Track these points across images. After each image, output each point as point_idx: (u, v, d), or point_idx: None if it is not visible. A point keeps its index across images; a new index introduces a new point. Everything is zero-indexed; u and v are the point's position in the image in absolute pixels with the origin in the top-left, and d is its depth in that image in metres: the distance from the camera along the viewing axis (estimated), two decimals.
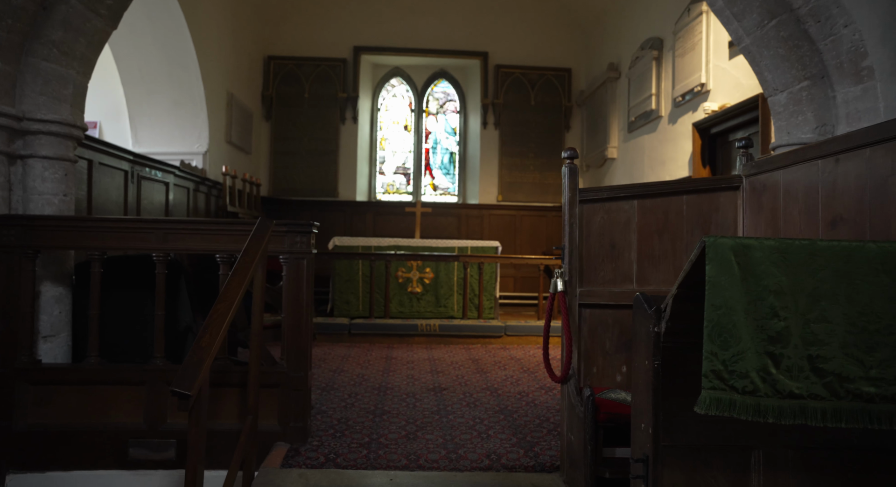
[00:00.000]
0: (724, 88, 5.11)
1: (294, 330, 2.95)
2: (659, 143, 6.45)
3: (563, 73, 9.18)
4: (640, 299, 1.70)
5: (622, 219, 2.67)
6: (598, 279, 2.66)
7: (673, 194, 2.66)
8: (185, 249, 2.89)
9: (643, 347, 1.65)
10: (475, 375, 4.68)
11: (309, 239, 2.97)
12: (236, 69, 7.61)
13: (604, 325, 2.66)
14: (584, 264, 2.66)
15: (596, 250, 2.67)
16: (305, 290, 2.96)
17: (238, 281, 2.19)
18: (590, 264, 2.66)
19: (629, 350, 2.63)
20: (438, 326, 6.21)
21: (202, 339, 1.87)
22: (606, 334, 2.65)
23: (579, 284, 2.63)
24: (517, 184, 9.13)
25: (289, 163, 8.93)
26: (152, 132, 6.41)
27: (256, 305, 2.50)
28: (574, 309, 2.62)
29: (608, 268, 2.67)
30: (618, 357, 2.65)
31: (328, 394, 3.94)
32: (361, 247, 7.05)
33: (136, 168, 4.77)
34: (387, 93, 9.66)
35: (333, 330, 6.15)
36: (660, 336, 1.60)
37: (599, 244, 2.67)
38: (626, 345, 2.64)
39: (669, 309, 1.55)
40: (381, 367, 4.90)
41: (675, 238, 2.66)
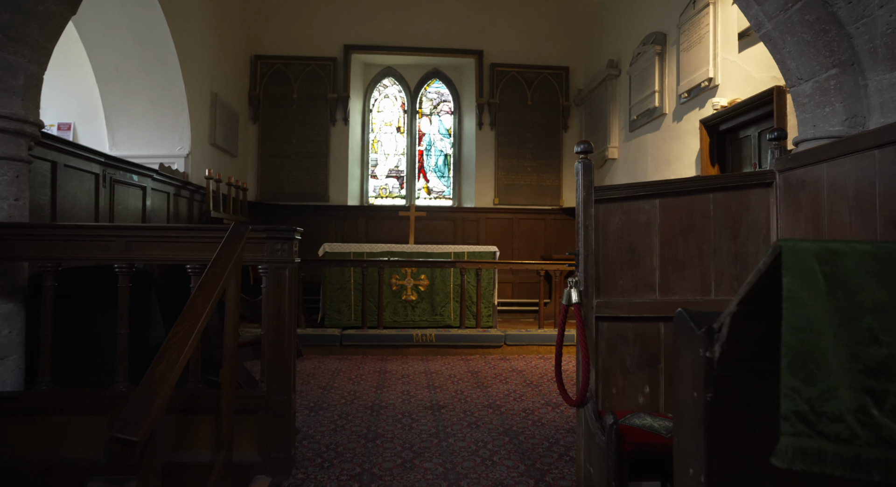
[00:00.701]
0: (733, 83, 4.84)
1: (275, 348, 2.63)
2: (663, 142, 6.18)
3: (561, 71, 8.91)
4: (683, 316, 1.40)
5: (643, 220, 2.38)
6: (616, 288, 2.36)
7: (698, 192, 2.37)
8: (150, 259, 2.57)
9: (690, 376, 1.35)
10: (475, 390, 4.37)
11: (291, 246, 2.66)
12: (220, 68, 7.29)
13: (623, 340, 2.36)
14: (601, 271, 2.36)
15: (614, 255, 2.37)
16: (288, 303, 2.65)
17: (205, 296, 1.88)
18: (607, 271, 2.36)
19: (652, 367, 2.33)
20: (435, 336, 5.90)
21: (156, 369, 1.56)
22: (627, 350, 2.35)
23: (596, 294, 2.33)
24: (514, 186, 8.84)
25: (277, 166, 8.61)
26: (130, 134, 6.07)
27: (229, 323, 2.19)
28: (590, 323, 2.32)
29: (627, 276, 2.37)
30: (640, 375, 2.35)
31: (316, 415, 3.62)
32: (353, 254, 6.74)
33: (109, 171, 4.44)
34: (378, 94, 9.36)
35: (324, 341, 5.82)
36: (713, 362, 1.30)
37: (617, 248, 2.37)
38: (649, 362, 2.34)
39: (727, 330, 1.25)
40: (375, 382, 4.58)
41: (702, 240, 2.37)
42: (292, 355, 2.67)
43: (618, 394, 2.35)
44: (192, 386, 2.57)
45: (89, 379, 2.86)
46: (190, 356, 2.61)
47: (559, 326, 2.41)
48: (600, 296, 2.34)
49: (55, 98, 6.26)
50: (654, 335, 2.35)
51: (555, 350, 2.41)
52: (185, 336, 1.67)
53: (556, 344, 2.40)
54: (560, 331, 2.41)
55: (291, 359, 2.65)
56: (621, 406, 2.34)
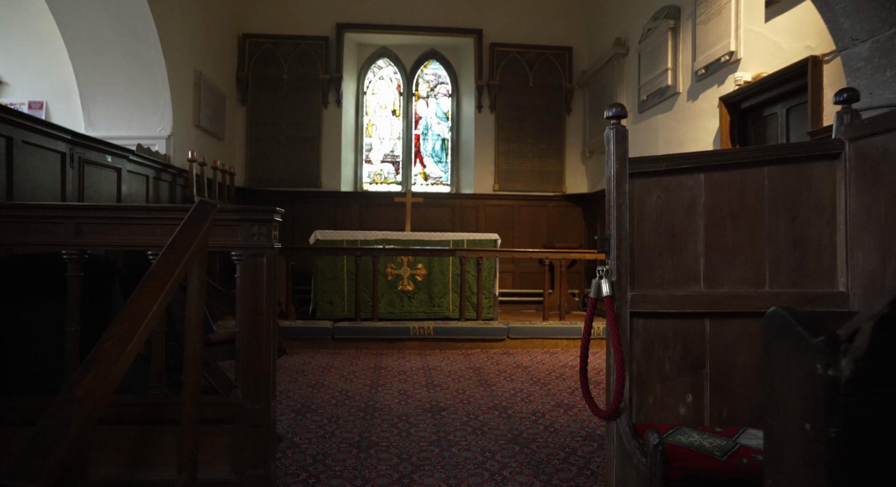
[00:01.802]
0: (758, 56, 4.46)
1: (252, 348, 2.26)
2: (676, 123, 5.80)
3: (564, 51, 8.50)
4: (785, 318, 1.03)
5: (685, 198, 2.01)
6: (654, 279, 2.00)
7: (751, 165, 2.00)
8: (104, 244, 2.19)
9: (799, 400, 0.99)
10: (478, 389, 4.01)
11: (270, 229, 2.28)
12: (205, 46, 6.86)
13: (662, 340, 1.99)
14: (636, 259, 1.99)
15: (651, 241, 2.00)
16: (266, 296, 2.27)
17: (154, 290, 1.50)
18: (643, 259, 1.99)
19: (696, 373, 1.97)
20: (433, 329, 5.54)
21: (78, 385, 1.19)
22: (666, 352, 1.99)
23: (630, 286, 1.97)
24: (515, 171, 8.46)
25: (267, 150, 8.20)
26: (107, 113, 5.66)
27: (191, 320, 1.81)
28: (624, 320, 1.95)
29: (667, 265, 2.00)
30: (681, 382, 1.99)
31: (303, 419, 3.26)
32: (346, 242, 6.37)
33: (78, 150, 4.04)
34: (373, 76, 8.94)
35: (315, 335, 5.46)
36: (838, 384, 0.93)
37: (656, 232, 2.00)
38: (692, 367, 1.98)
39: (866, 340, 0.89)
40: (369, 380, 4.23)
41: (755, 223, 2.00)
42: (272, 356, 2.30)
43: (655, 404, 1.99)
44: (156, 392, 2.20)
45: (46, 385, 2.49)
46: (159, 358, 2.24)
47: (586, 323, 2.04)
48: (635, 289, 1.98)
49: (25, 75, 5.85)
50: (698, 334, 1.99)
51: (580, 351, 2.05)
52: (123, 340, 1.30)
53: (582, 345, 2.03)
54: (587, 329, 2.05)
55: (271, 361, 2.28)
56: (660, 418, 1.98)
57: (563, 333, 5.67)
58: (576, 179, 8.52)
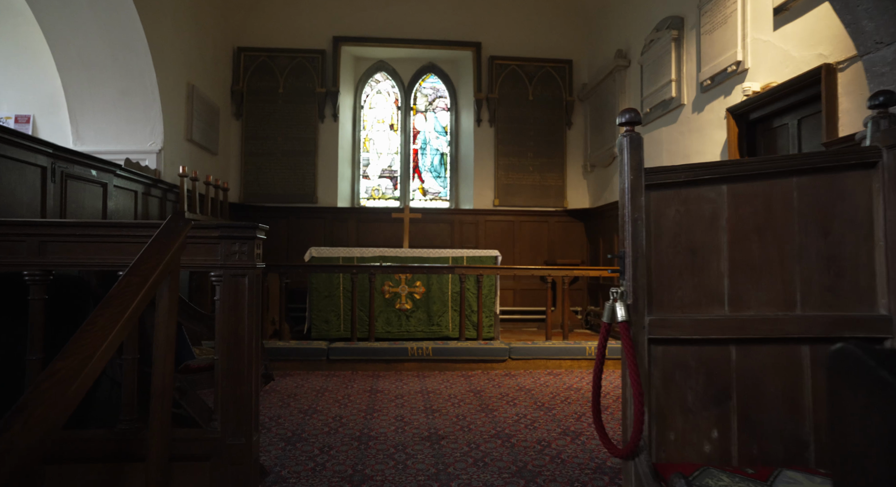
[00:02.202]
0: (767, 65, 4.32)
1: (232, 377, 2.06)
2: (680, 135, 5.65)
3: (564, 64, 8.39)
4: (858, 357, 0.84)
5: (706, 212, 1.83)
6: (673, 301, 1.81)
7: (778, 175, 1.82)
8: (70, 264, 2.00)
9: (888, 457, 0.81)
10: (479, 414, 3.80)
11: (252, 247, 2.10)
12: (199, 59, 6.73)
13: (684, 369, 1.80)
14: (654, 279, 1.80)
15: (670, 258, 1.82)
16: (248, 320, 2.08)
17: (111, 317, 1.32)
18: (661, 280, 1.81)
19: (722, 405, 1.77)
20: (432, 350, 5.33)
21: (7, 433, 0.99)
22: (688, 382, 1.80)
23: (648, 310, 1.78)
24: (515, 186, 8.30)
25: (262, 165, 8.04)
26: (96, 127, 5.50)
27: (160, 348, 1.62)
28: (641, 347, 1.76)
29: (688, 285, 1.81)
30: (705, 415, 1.79)
31: (293, 449, 3.05)
32: (342, 259, 6.18)
33: (60, 164, 3.87)
34: (370, 90, 8.81)
35: (309, 356, 5.25)
36: None
37: (675, 250, 1.82)
38: (717, 398, 1.78)
39: None
40: (364, 405, 4.01)
41: (783, 239, 1.82)
42: (255, 385, 2.10)
43: (677, 441, 1.79)
44: (126, 425, 2.00)
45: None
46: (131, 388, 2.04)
47: (599, 351, 1.85)
48: (653, 312, 1.79)
49: (12, 88, 5.70)
50: (723, 362, 1.80)
51: (592, 380, 1.85)
52: (64, 379, 1.11)
53: (595, 374, 1.84)
54: (599, 357, 1.86)
55: (253, 392, 2.08)
56: (682, 456, 1.78)
57: (567, 353, 5.46)
58: (577, 194, 8.36)
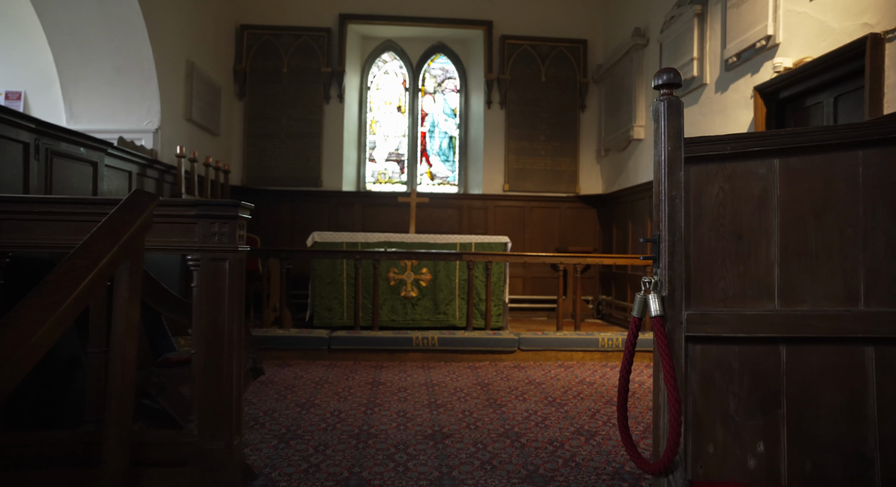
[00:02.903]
0: (801, 39, 4.01)
1: (210, 375, 1.84)
2: (702, 117, 5.35)
3: (578, 44, 8.06)
4: None
5: (754, 190, 1.57)
6: (714, 293, 1.56)
7: (840, 147, 1.56)
8: (28, 245, 1.78)
9: None
10: (487, 410, 3.58)
11: (234, 228, 1.86)
12: (199, 36, 6.48)
13: (725, 371, 1.56)
14: (693, 268, 1.55)
15: (711, 244, 1.56)
16: (230, 310, 1.85)
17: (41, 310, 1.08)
18: (701, 268, 1.56)
19: (769, 414, 1.53)
20: (438, 340, 5.10)
21: None
22: (730, 386, 1.55)
23: (686, 303, 1.53)
24: (526, 171, 8.02)
25: (265, 147, 7.80)
26: (90, 105, 5.28)
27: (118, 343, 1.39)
28: (678, 346, 1.51)
29: (732, 275, 1.56)
30: (750, 426, 1.55)
31: (286, 447, 2.83)
32: (346, 244, 5.95)
33: (45, 141, 3.65)
34: (377, 70, 8.53)
35: (309, 345, 5.04)
36: None
37: (717, 233, 1.57)
38: (764, 406, 1.54)
39: None
40: (365, 398, 3.80)
41: (845, 221, 1.56)
42: (237, 383, 1.87)
43: (717, 454, 1.55)
44: (90, 427, 1.78)
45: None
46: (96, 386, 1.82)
47: (626, 351, 1.61)
48: (692, 306, 1.54)
49: (2, 63, 5.47)
50: (772, 364, 1.55)
51: (619, 386, 1.61)
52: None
53: (621, 377, 1.59)
54: (627, 358, 1.61)
55: (234, 390, 1.86)
56: (722, 472, 1.54)
57: (579, 345, 5.22)
58: (590, 179, 8.07)
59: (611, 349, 5.22)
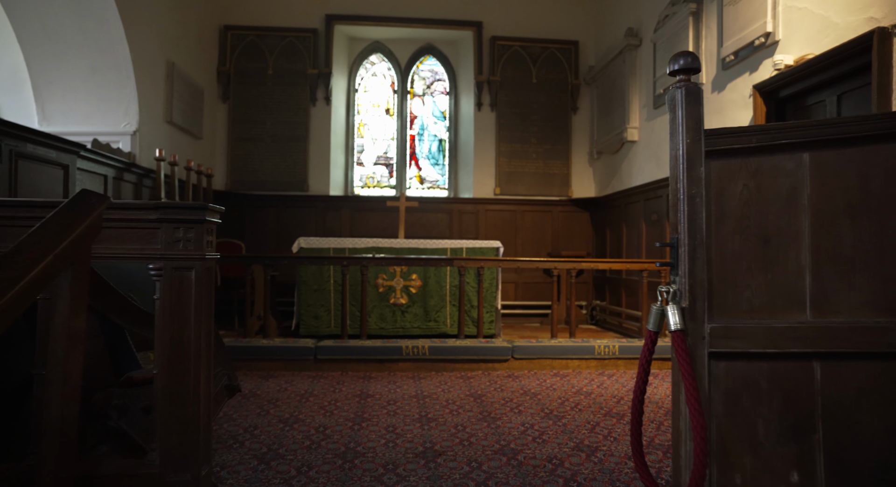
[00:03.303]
0: (802, 35, 3.88)
1: (174, 397, 1.64)
2: None
3: (570, 46, 7.93)
4: None
5: (782, 187, 1.41)
6: (739, 303, 1.39)
7: (879, 139, 1.40)
8: None
9: None
10: (480, 424, 3.39)
11: (202, 233, 1.67)
12: (180, 35, 6.27)
13: (753, 391, 1.39)
14: (714, 275, 1.38)
15: (735, 248, 1.40)
16: (196, 324, 1.66)
17: None
18: (724, 275, 1.39)
19: (803, 438, 1.36)
20: (428, 348, 4.92)
21: None
22: (758, 408, 1.38)
23: (708, 315, 1.36)
24: (517, 174, 7.86)
25: (250, 150, 7.59)
26: (64, 106, 5.06)
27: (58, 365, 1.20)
28: (700, 363, 1.34)
29: (758, 282, 1.40)
30: (781, 452, 1.38)
31: (266, 470, 2.63)
32: (333, 250, 5.75)
33: (8, 142, 3.44)
34: (365, 72, 8.35)
35: (295, 355, 4.83)
36: None
37: (741, 236, 1.40)
38: (796, 430, 1.37)
39: None
40: (353, 412, 3.60)
41: (884, 222, 1.40)
42: (205, 405, 1.68)
43: (745, 485, 1.37)
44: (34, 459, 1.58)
45: None
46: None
47: (640, 369, 1.43)
48: (715, 318, 1.37)
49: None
50: (805, 383, 1.38)
51: (632, 409, 1.43)
52: None
53: (634, 399, 1.42)
54: (641, 378, 1.44)
55: (203, 413, 1.66)
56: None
57: (575, 352, 5.05)
58: (583, 182, 7.93)
59: (607, 356, 5.05)
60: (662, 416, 3.60)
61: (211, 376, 1.76)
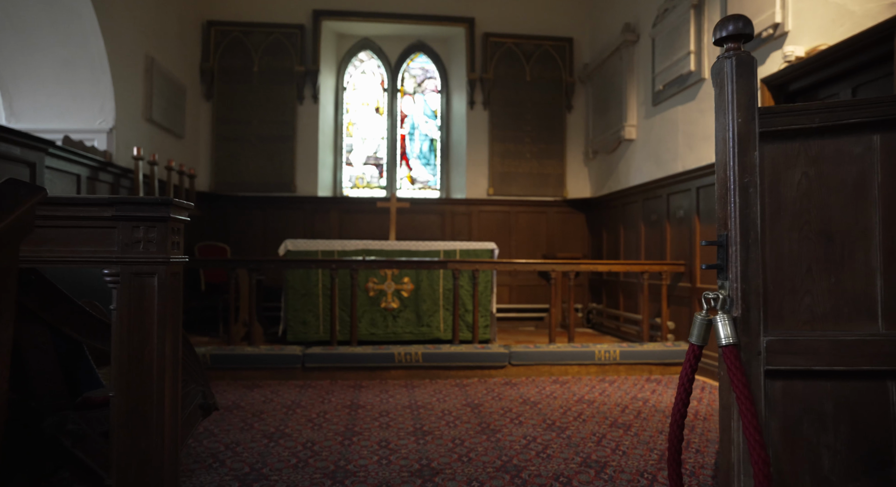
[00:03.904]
0: (813, 25, 3.71)
1: (134, 424, 1.41)
2: (700, 114, 5.04)
3: (564, 43, 7.74)
4: None
5: (847, 176, 1.20)
6: (798, 312, 1.18)
7: None
8: None
9: None
10: (480, 437, 3.17)
11: (166, 233, 1.44)
12: (160, 30, 6.01)
13: (816, 417, 1.18)
14: (769, 279, 1.17)
15: (792, 247, 1.19)
16: (160, 339, 1.43)
17: None
18: (780, 280, 1.18)
19: (878, 473, 1.14)
20: (422, 355, 4.69)
21: None
22: (822, 437, 1.17)
23: (763, 326, 1.15)
24: (511, 174, 7.66)
25: (235, 150, 7.33)
26: (34, 101, 4.79)
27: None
28: (756, 383, 1.13)
29: (820, 288, 1.19)
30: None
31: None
32: (322, 252, 5.52)
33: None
34: (354, 69, 8.12)
35: (282, 362, 4.59)
36: None
37: (800, 234, 1.19)
38: (871, 464, 1.16)
39: None
40: (343, 425, 3.37)
41: None
42: (170, 432, 1.45)
43: None
44: None
45: None
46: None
47: (681, 386, 1.22)
48: (769, 330, 1.16)
49: None
50: (879, 406, 1.18)
51: (669, 440, 1.22)
52: None
53: (673, 421, 1.20)
54: (683, 394, 1.22)
55: (169, 440, 1.43)
56: None
57: (574, 358, 4.84)
58: (578, 183, 7.74)
59: (607, 362, 4.85)
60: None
61: (179, 398, 1.52)
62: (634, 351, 4.89)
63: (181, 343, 1.55)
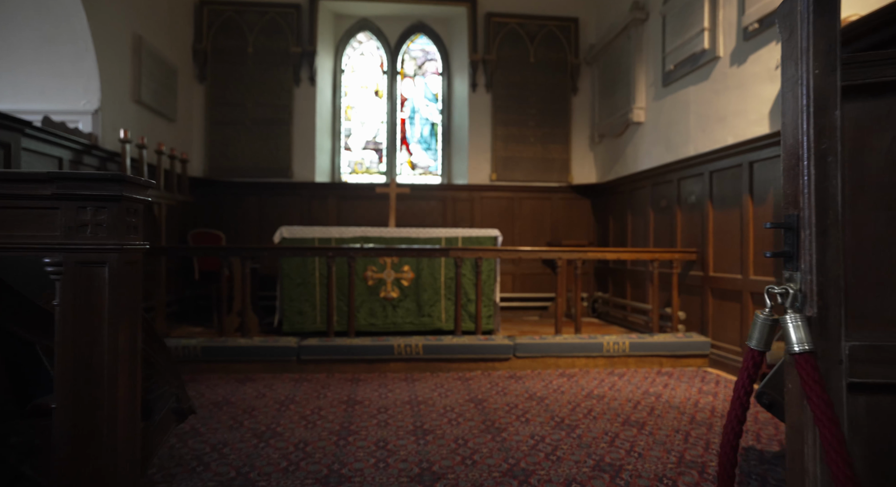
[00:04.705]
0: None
1: (80, 442, 1.19)
2: (714, 94, 4.79)
3: (569, 23, 7.46)
4: None
5: None
6: (884, 311, 0.96)
7: None
8: None
9: None
10: (484, 437, 2.96)
11: (120, 214, 1.22)
12: (149, 7, 5.75)
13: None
14: (850, 271, 0.95)
15: (879, 231, 0.96)
16: (111, 339, 1.21)
17: None
18: (863, 271, 0.95)
19: None
20: (422, 347, 4.48)
21: None
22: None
23: (845, 329, 0.92)
24: (515, 159, 7.41)
25: (229, 134, 7.08)
26: (13, 81, 4.55)
27: None
28: (836, 397, 0.91)
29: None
30: None
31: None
32: (318, 240, 5.29)
33: None
34: (352, 51, 7.84)
35: (276, 355, 4.38)
36: None
37: (888, 215, 0.96)
38: None
39: None
40: (338, 424, 3.16)
41: None
42: (126, 449, 1.23)
43: None
44: None
45: None
46: None
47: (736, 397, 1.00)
48: (851, 333, 0.94)
49: None
50: None
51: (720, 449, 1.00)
52: None
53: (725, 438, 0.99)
54: (738, 408, 1.01)
55: (125, 458, 1.21)
56: None
57: (582, 350, 4.64)
58: (583, 168, 7.49)
59: (616, 354, 4.64)
60: (687, 424, 3.19)
61: (138, 406, 1.31)
62: (644, 342, 4.68)
63: (144, 341, 1.34)
